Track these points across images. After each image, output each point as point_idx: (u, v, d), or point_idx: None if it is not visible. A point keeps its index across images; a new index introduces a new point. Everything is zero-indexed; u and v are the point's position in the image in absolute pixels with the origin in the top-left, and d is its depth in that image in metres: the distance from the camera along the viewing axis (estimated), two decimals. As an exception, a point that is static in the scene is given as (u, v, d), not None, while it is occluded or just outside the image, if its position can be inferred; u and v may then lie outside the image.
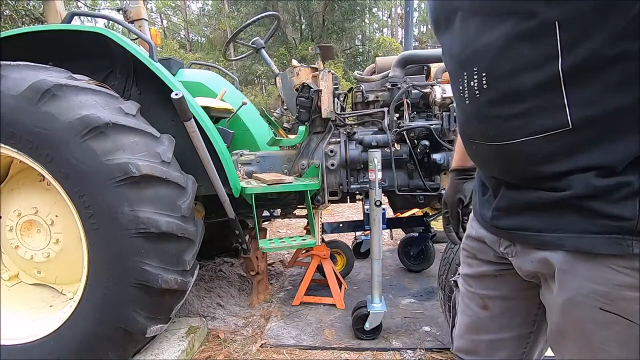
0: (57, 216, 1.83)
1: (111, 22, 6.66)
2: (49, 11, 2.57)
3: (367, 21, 22.14)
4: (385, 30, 27.42)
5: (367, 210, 2.24)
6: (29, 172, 1.86)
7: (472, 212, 0.89)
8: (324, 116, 2.24)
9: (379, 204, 1.95)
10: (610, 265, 0.55)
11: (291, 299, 2.55)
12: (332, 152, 2.25)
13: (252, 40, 2.70)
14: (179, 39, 22.91)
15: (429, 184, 2.22)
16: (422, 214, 2.92)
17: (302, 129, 2.30)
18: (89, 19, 14.20)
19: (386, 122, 2.19)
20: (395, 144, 2.18)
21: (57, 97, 1.56)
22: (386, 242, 3.76)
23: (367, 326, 2.03)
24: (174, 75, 2.64)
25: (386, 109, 2.22)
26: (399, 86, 2.21)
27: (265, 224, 3.21)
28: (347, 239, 3.37)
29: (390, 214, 3.16)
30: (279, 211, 2.72)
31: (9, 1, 6.61)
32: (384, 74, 2.31)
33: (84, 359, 1.67)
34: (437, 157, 2.15)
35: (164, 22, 23.72)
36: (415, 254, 3.02)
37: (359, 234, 3.34)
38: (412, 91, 2.22)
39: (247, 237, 2.39)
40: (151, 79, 1.85)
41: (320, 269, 2.56)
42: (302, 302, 2.52)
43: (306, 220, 2.50)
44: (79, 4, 10.12)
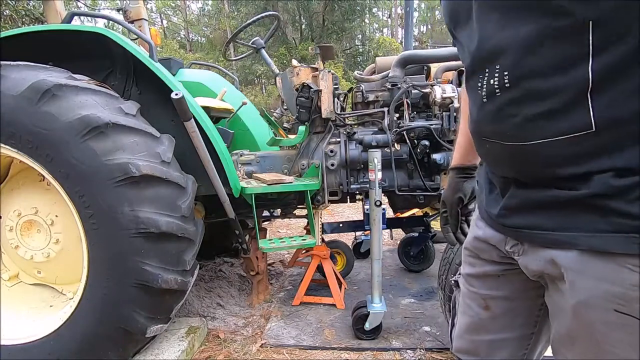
0: (57, 216, 1.83)
1: (111, 22, 6.66)
2: (49, 11, 2.57)
3: (367, 21, 22.13)
4: (385, 30, 27.42)
5: (367, 210, 2.24)
6: (29, 172, 1.86)
7: (477, 210, 0.88)
8: (324, 116, 2.24)
9: (379, 204, 1.95)
10: (626, 265, 0.54)
11: (291, 299, 2.55)
12: (332, 152, 2.25)
13: (252, 40, 2.70)
14: (179, 39, 22.92)
15: (429, 184, 2.22)
16: (422, 214, 2.92)
17: (302, 129, 2.30)
18: (89, 19, 14.21)
19: (386, 122, 2.19)
20: (395, 144, 2.18)
21: (57, 97, 1.56)
22: (386, 242, 3.76)
23: (367, 326, 2.03)
24: (174, 75, 2.64)
25: (386, 109, 2.22)
26: (399, 86, 2.20)
27: (265, 224, 3.21)
28: (347, 239, 3.37)
29: (390, 214, 3.16)
30: (279, 211, 2.72)
31: (9, 1, 6.61)
32: (384, 74, 2.31)
33: (84, 359, 1.67)
34: (437, 157, 2.15)
35: (164, 22, 23.73)
36: (415, 254, 3.02)
37: (359, 234, 3.34)
38: (412, 91, 2.22)
39: (247, 237, 2.39)
40: (151, 79, 1.85)
41: (320, 269, 2.56)
42: (302, 302, 2.52)
43: (306, 220, 2.50)
44: (79, 4, 10.12)
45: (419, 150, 2.13)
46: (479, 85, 0.66)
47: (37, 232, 1.86)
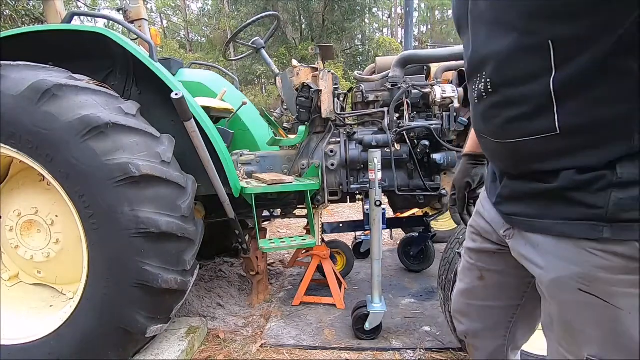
0: (57, 216, 1.83)
1: (111, 22, 6.67)
2: (49, 11, 2.57)
3: (367, 21, 22.14)
4: (385, 30, 27.42)
5: (367, 210, 2.24)
6: (29, 172, 1.86)
7: (486, 191, 0.96)
8: (324, 116, 2.24)
9: (379, 204, 1.95)
10: (587, 248, 0.62)
11: (291, 299, 2.55)
12: (332, 152, 2.25)
13: (252, 40, 2.70)
14: (179, 39, 22.92)
15: (429, 184, 2.22)
16: (422, 214, 2.92)
17: (302, 129, 2.30)
18: (89, 19, 14.22)
19: (386, 122, 2.19)
20: (395, 144, 2.18)
21: (57, 97, 1.56)
22: (386, 242, 3.77)
23: (367, 326, 2.03)
24: (174, 75, 2.64)
25: (386, 109, 2.22)
26: (399, 86, 2.20)
27: (265, 224, 3.21)
28: (347, 239, 3.37)
29: (390, 214, 3.16)
30: (279, 211, 2.71)
31: (9, 1, 6.61)
32: (384, 74, 2.31)
33: (83, 359, 1.67)
34: (437, 157, 2.15)
35: (164, 22, 23.72)
36: (415, 254, 3.02)
37: (359, 234, 3.34)
38: (412, 91, 2.21)
39: (247, 237, 2.39)
40: (151, 79, 1.84)
41: (320, 269, 2.56)
42: (302, 302, 2.52)
43: (306, 220, 2.50)
44: (79, 4, 10.12)
45: (419, 150, 2.13)
46: (473, 88, 0.76)
47: (37, 232, 1.86)
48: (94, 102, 1.63)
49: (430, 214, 2.82)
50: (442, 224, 3.59)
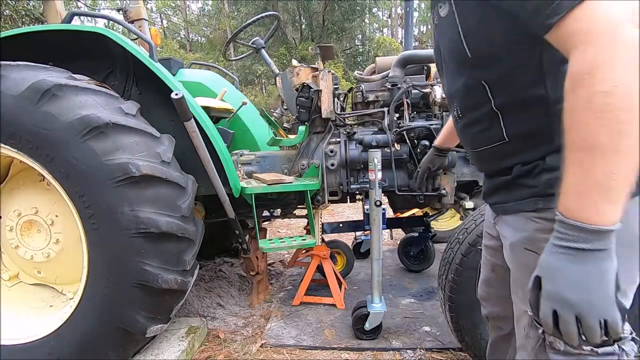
0: (57, 216, 1.83)
1: (111, 22, 6.67)
2: (49, 11, 2.57)
3: (367, 21, 22.14)
4: (385, 30, 27.40)
5: (367, 210, 2.24)
6: (29, 172, 1.86)
7: None
8: (324, 116, 2.24)
9: (379, 204, 1.95)
10: (531, 217, 0.83)
11: (291, 299, 2.55)
12: (332, 152, 2.25)
13: (252, 40, 2.69)
14: (179, 39, 22.91)
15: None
16: (422, 214, 2.92)
17: (302, 129, 2.30)
18: (89, 19, 14.22)
19: (386, 122, 2.19)
20: (395, 144, 2.17)
21: (57, 97, 1.56)
22: (386, 242, 3.77)
23: (367, 326, 2.03)
24: (174, 75, 2.64)
25: (386, 109, 2.22)
26: (399, 86, 2.20)
27: (265, 224, 3.21)
28: (347, 239, 3.37)
29: (390, 214, 3.16)
30: (279, 211, 2.71)
31: (9, 1, 6.61)
32: (384, 74, 2.31)
33: (83, 359, 1.67)
34: (437, 157, 2.15)
35: (164, 22, 23.72)
36: (415, 254, 3.02)
37: (359, 234, 3.34)
38: (412, 91, 2.21)
39: (247, 237, 2.39)
40: (151, 79, 1.84)
41: (320, 269, 2.56)
42: (302, 302, 2.52)
43: (306, 220, 2.50)
44: (79, 4, 10.12)
45: (419, 150, 2.13)
46: (453, 112, 1.01)
47: (37, 232, 1.86)
48: (94, 102, 1.63)
49: (430, 214, 2.83)
50: (442, 224, 3.59)
